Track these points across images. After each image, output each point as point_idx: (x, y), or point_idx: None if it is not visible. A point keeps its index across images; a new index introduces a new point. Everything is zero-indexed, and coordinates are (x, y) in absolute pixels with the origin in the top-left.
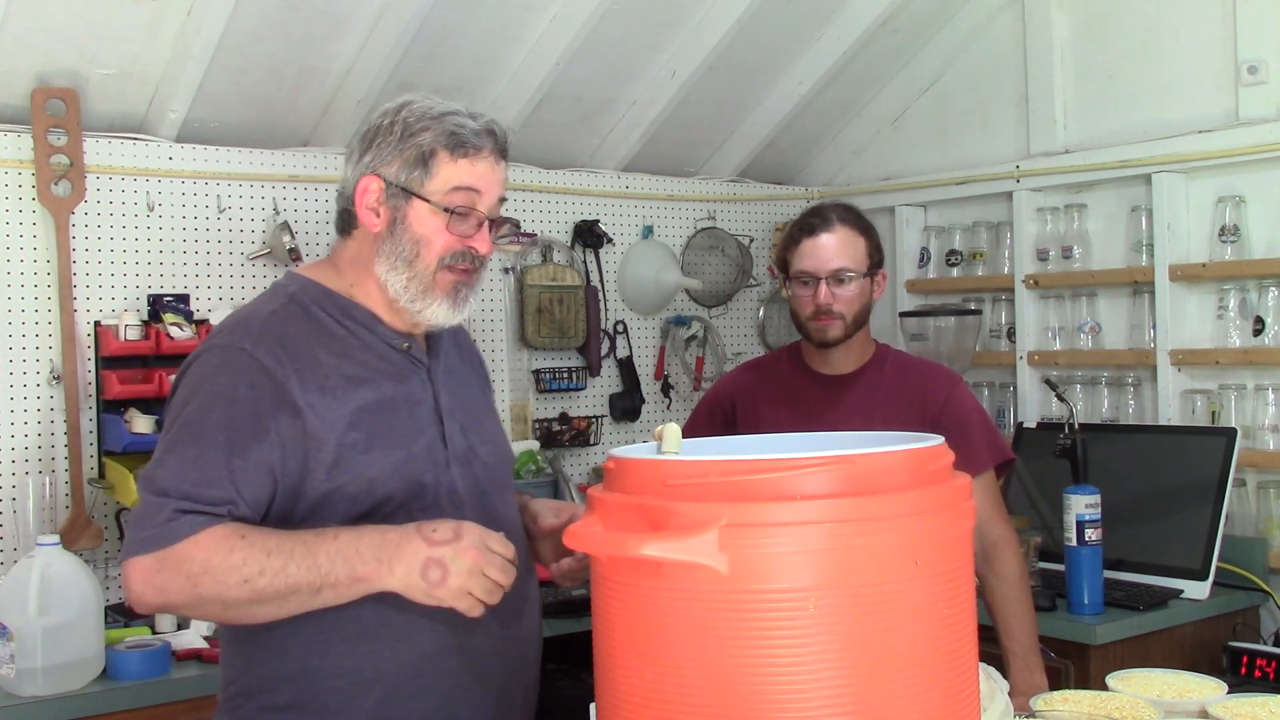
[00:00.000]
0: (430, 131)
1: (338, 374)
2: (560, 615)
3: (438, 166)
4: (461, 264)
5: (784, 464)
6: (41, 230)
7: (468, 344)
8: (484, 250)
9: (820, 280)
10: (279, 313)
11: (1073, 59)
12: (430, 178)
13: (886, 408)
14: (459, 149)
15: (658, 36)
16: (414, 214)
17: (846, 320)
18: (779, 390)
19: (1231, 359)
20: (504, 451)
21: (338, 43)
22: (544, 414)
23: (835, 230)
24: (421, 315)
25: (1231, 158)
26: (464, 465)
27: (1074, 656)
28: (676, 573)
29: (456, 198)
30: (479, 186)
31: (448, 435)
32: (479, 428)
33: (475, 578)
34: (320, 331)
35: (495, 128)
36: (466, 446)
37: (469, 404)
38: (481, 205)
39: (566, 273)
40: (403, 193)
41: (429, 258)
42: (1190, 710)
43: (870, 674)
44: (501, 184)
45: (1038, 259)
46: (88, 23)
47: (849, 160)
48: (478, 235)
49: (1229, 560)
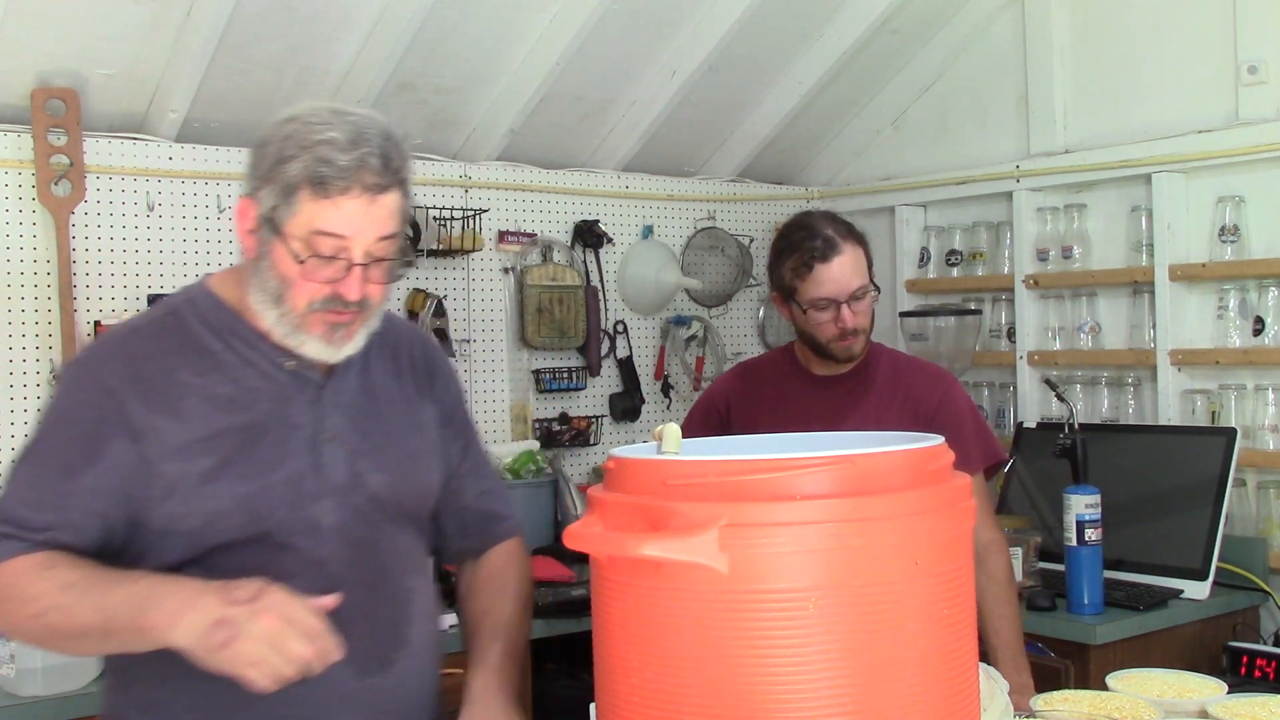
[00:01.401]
0: (298, 161)
1: (198, 394)
2: (560, 615)
3: (299, 204)
4: (332, 310)
5: (784, 464)
6: (41, 230)
7: (421, 354)
8: (352, 297)
9: (841, 304)
10: (146, 328)
11: (1073, 59)
12: (292, 215)
13: (880, 408)
14: (320, 188)
15: (658, 36)
16: (278, 252)
17: (868, 332)
18: (773, 393)
19: (1231, 359)
20: (415, 480)
21: (338, 43)
22: (544, 414)
23: (845, 251)
24: (299, 351)
25: (1231, 158)
26: (341, 497)
27: (1074, 656)
28: (676, 573)
29: (317, 243)
30: (344, 231)
31: (326, 463)
32: (380, 453)
33: (267, 647)
34: (190, 348)
35: (374, 158)
36: (350, 476)
37: (378, 426)
38: (350, 250)
39: (566, 273)
40: (269, 226)
41: (294, 300)
42: (1190, 710)
43: (870, 674)
44: (383, 221)
45: (1038, 259)
46: (88, 23)
47: (849, 160)
48: (345, 281)
49: (1229, 560)
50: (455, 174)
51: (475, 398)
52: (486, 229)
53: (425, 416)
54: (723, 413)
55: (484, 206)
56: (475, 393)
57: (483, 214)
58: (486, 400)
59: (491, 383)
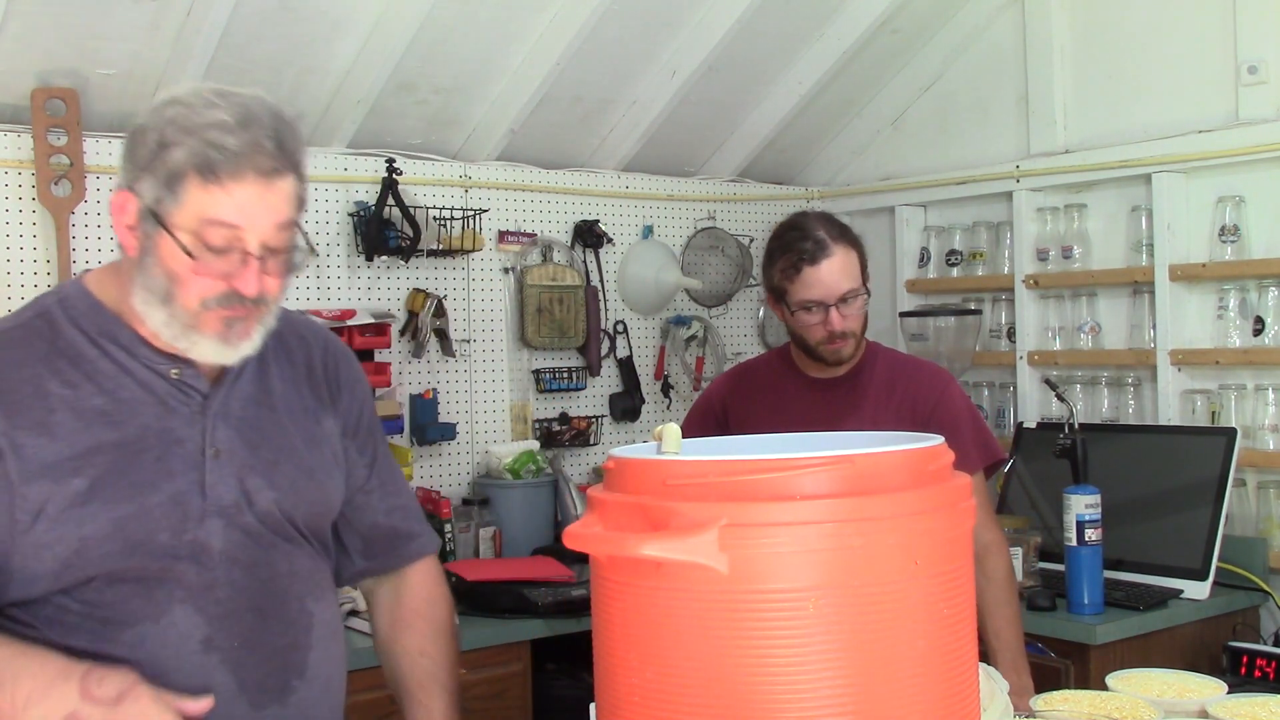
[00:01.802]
0: (182, 147)
1: (69, 407)
2: (560, 615)
3: (187, 193)
4: (228, 306)
5: (784, 464)
6: (41, 230)
7: (324, 358)
8: (250, 291)
9: (830, 307)
10: (11, 332)
11: (1073, 59)
12: (179, 205)
13: (877, 409)
14: (209, 173)
15: (658, 36)
16: (164, 246)
17: (858, 336)
18: (769, 396)
19: (1231, 359)
20: (309, 497)
21: (338, 43)
22: (544, 414)
23: (835, 253)
24: (190, 354)
25: (1231, 158)
26: (228, 518)
27: (1074, 656)
28: (676, 573)
29: (208, 234)
30: (237, 220)
31: (211, 482)
32: (272, 470)
33: None
34: (61, 355)
35: (268, 140)
36: (238, 495)
37: (271, 439)
38: (245, 240)
39: (566, 273)
40: (153, 218)
41: (185, 299)
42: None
43: (870, 674)
44: (279, 208)
45: (1038, 259)
46: (88, 23)
47: (849, 160)
48: (241, 275)
49: (1229, 560)
50: (455, 174)
51: (475, 398)
52: (486, 229)
53: (326, 428)
54: (719, 416)
55: (484, 206)
56: (475, 393)
57: (483, 214)
58: (486, 400)
59: (491, 383)
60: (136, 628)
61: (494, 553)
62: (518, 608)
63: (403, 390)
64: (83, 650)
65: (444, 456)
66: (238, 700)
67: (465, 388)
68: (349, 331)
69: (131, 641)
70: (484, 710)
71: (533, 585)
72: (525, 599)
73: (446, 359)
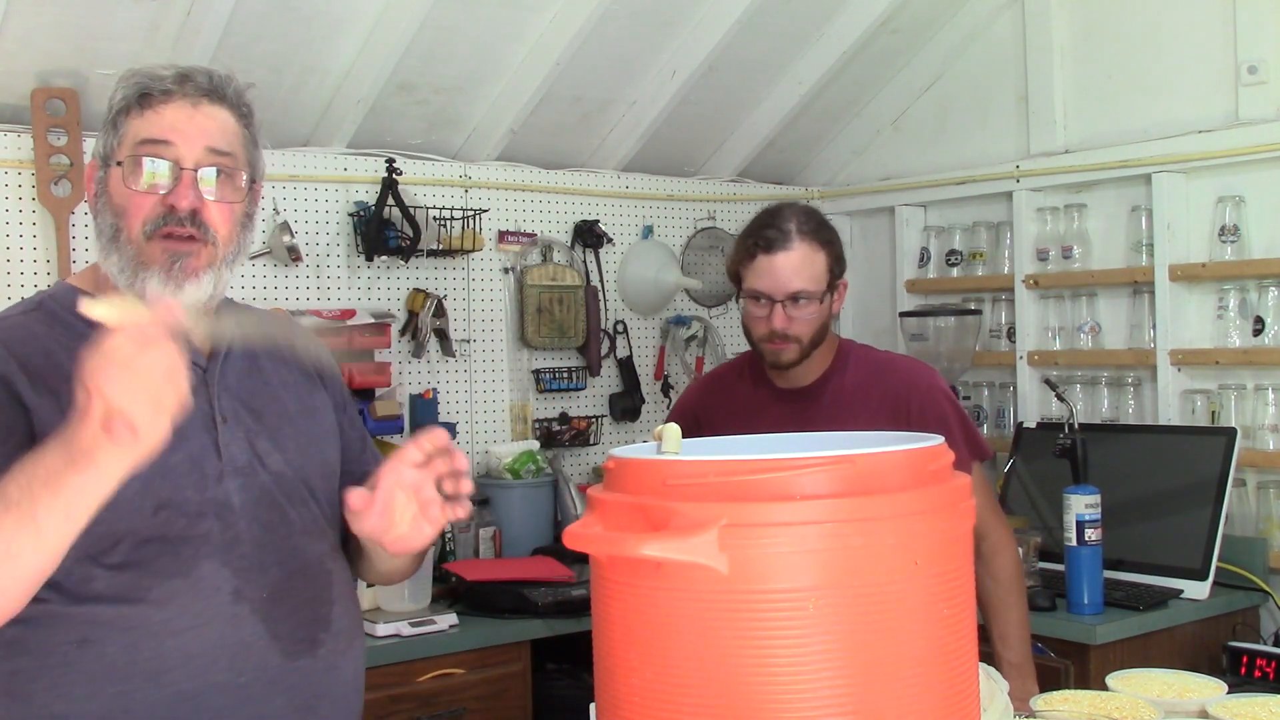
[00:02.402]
0: (121, 89)
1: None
2: (560, 615)
3: (127, 124)
4: (166, 228)
5: (784, 464)
6: (41, 230)
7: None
8: (182, 204)
9: (776, 303)
10: (13, 318)
11: (1073, 59)
12: (120, 139)
13: (854, 415)
14: (144, 100)
15: (658, 36)
16: (111, 183)
17: (803, 343)
18: (740, 408)
19: (1231, 359)
20: (313, 460)
21: (338, 43)
22: (544, 414)
23: (793, 248)
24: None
25: (1231, 158)
26: (245, 477)
27: (1074, 656)
28: (676, 573)
29: (141, 149)
30: (168, 136)
31: (222, 444)
32: (276, 434)
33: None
34: (66, 338)
35: (198, 73)
36: (250, 456)
37: (271, 408)
38: (178, 155)
39: (566, 273)
40: (103, 164)
41: (130, 229)
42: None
43: (870, 674)
44: (212, 132)
45: (1038, 259)
46: (88, 23)
47: (849, 160)
48: (175, 190)
49: (1229, 560)
50: (455, 174)
51: (475, 398)
52: (486, 229)
53: (319, 401)
54: (692, 426)
55: (484, 206)
56: (475, 393)
57: (483, 214)
58: (486, 400)
59: (491, 383)
60: (167, 583)
61: (494, 553)
62: (518, 608)
63: (403, 390)
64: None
65: None
66: (271, 650)
67: (465, 388)
68: (349, 331)
69: (161, 597)
70: (484, 710)
71: (533, 585)
72: (525, 599)
73: (446, 359)
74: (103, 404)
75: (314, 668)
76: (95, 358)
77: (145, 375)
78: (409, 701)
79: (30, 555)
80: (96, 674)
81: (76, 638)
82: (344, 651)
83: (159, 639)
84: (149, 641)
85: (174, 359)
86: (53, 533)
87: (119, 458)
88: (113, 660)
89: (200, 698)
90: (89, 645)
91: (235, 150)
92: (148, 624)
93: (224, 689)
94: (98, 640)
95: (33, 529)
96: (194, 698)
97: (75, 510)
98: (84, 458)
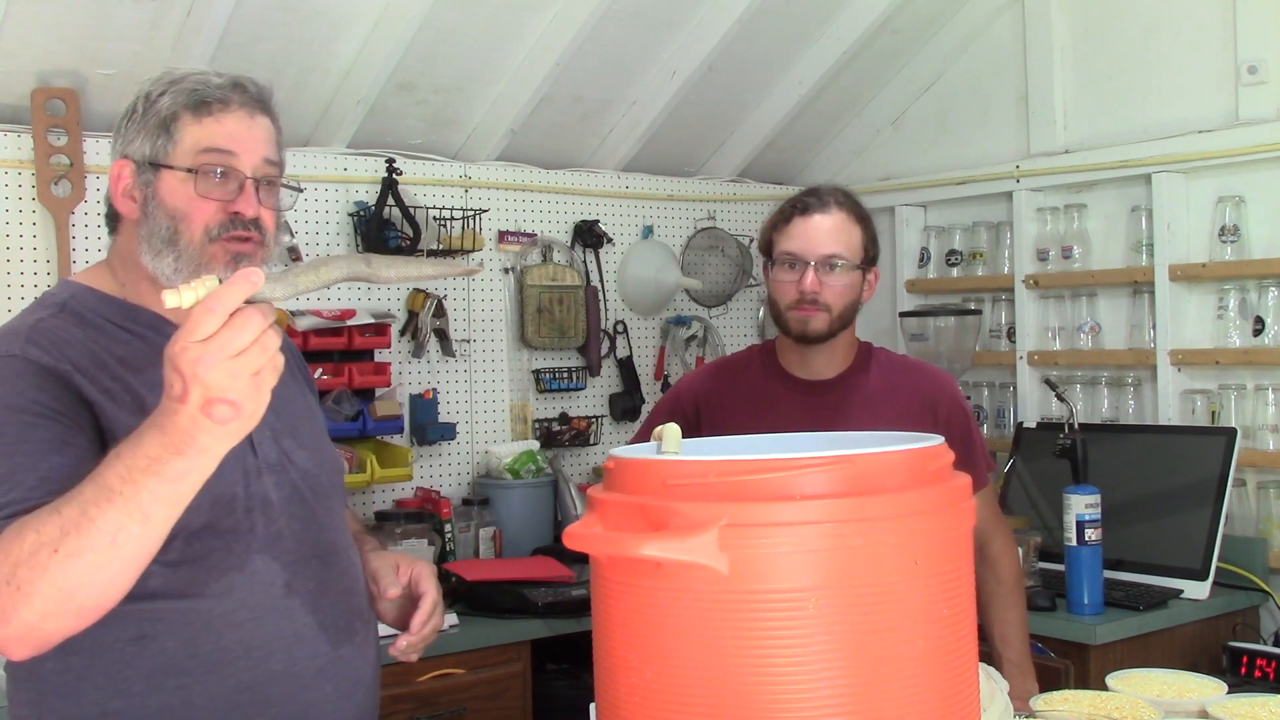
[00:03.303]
0: (169, 95)
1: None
2: (560, 615)
3: (181, 130)
4: (232, 232)
5: (784, 464)
6: (41, 230)
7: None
8: (249, 212)
9: (809, 265)
10: (47, 320)
11: (1073, 59)
12: (175, 144)
13: (880, 414)
14: (201, 108)
15: (658, 36)
16: (165, 187)
17: (832, 314)
18: (749, 397)
19: (1231, 359)
20: (326, 456)
21: (338, 43)
22: (544, 414)
23: (831, 212)
24: None
25: (1231, 158)
26: (278, 474)
27: (1074, 656)
28: (676, 573)
29: (205, 159)
30: (231, 146)
31: (256, 442)
32: (295, 432)
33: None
34: (102, 339)
35: (247, 82)
36: (279, 454)
37: (283, 407)
38: (240, 165)
39: (566, 273)
40: (151, 167)
41: (191, 232)
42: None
43: (870, 674)
44: (265, 142)
45: (1038, 259)
46: (88, 23)
47: (849, 160)
48: (240, 198)
49: (1229, 560)
50: (455, 174)
51: (475, 398)
52: (486, 229)
53: (311, 402)
54: (689, 415)
55: (484, 206)
56: (475, 393)
57: (483, 214)
58: (486, 400)
59: (491, 383)
60: (224, 578)
61: (494, 553)
62: (518, 608)
63: (403, 390)
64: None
65: (444, 456)
66: (319, 639)
67: (465, 388)
68: (349, 331)
69: (219, 591)
70: (484, 710)
71: (533, 585)
72: (525, 599)
73: (446, 359)
74: (201, 389)
75: (354, 654)
76: (183, 341)
77: (240, 353)
78: (409, 701)
79: (136, 543)
80: (155, 669)
81: (133, 634)
82: (372, 639)
83: (219, 632)
84: (209, 635)
85: (264, 330)
86: (160, 518)
87: (223, 438)
88: (172, 655)
89: (260, 688)
90: (146, 641)
91: (280, 159)
92: (207, 618)
93: (280, 678)
94: (156, 636)
95: (139, 516)
96: (254, 688)
97: (181, 493)
98: (186, 441)
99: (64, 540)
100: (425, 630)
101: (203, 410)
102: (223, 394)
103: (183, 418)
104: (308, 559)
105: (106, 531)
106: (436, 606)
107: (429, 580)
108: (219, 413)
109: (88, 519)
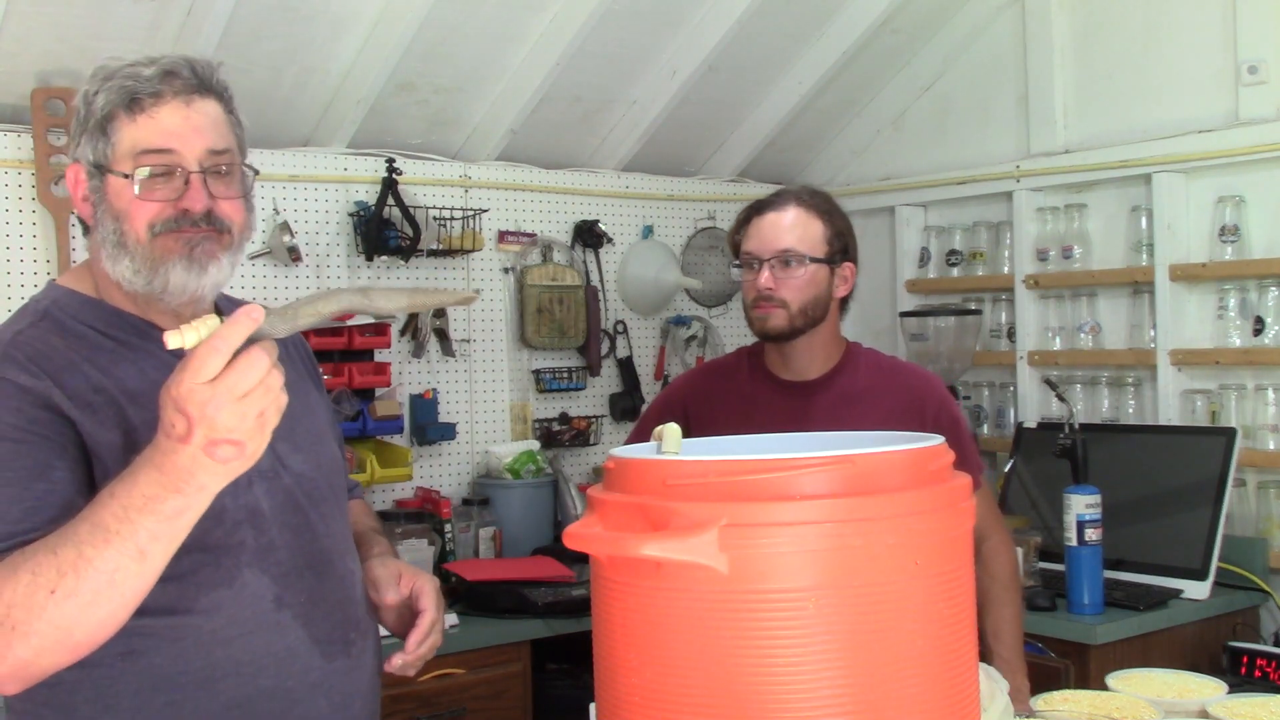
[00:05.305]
0: (103, 94)
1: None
2: (560, 615)
3: (118, 132)
4: (180, 228)
5: (784, 464)
6: (41, 230)
7: (296, 342)
8: (197, 207)
9: (765, 262)
10: (27, 331)
11: (1073, 59)
12: (114, 147)
13: (864, 414)
14: (134, 105)
15: (658, 36)
16: (111, 190)
17: (791, 310)
18: (737, 399)
19: (1231, 359)
20: (325, 458)
21: (338, 43)
22: (544, 414)
23: (787, 209)
24: (164, 296)
25: (1231, 158)
26: (270, 481)
27: (1074, 656)
28: (676, 573)
29: (144, 160)
30: (168, 144)
31: None
32: (291, 435)
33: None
34: (83, 347)
35: (180, 67)
36: (272, 459)
37: None
38: (182, 161)
39: (566, 273)
40: (97, 171)
41: (136, 231)
42: (1190, 710)
43: (870, 674)
44: (206, 130)
45: (1038, 259)
46: (88, 23)
47: (849, 160)
48: (187, 194)
49: (1229, 560)
50: (455, 174)
51: (475, 398)
52: (486, 229)
53: (315, 400)
54: (679, 417)
55: (484, 206)
56: (475, 393)
57: (483, 214)
58: (486, 400)
59: (491, 383)
60: (212, 594)
61: (494, 553)
62: (518, 608)
63: (403, 390)
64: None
65: (444, 456)
66: (313, 654)
67: (465, 388)
68: (349, 331)
69: (207, 608)
70: (484, 710)
71: (533, 585)
72: (525, 599)
73: (446, 359)
74: (207, 430)
75: (348, 667)
76: (188, 382)
77: (246, 394)
78: (409, 701)
79: (135, 580)
80: (144, 685)
81: (121, 650)
82: (369, 649)
83: (208, 648)
84: (198, 651)
85: (268, 369)
86: (157, 555)
87: (222, 475)
88: (161, 671)
89: (250, 704)
90: (134, 657)
91: (230, 144)
92: (196, 634)
93: (272, 694)
94: (144, 651)
95: (136, 555)
96: (244, 704)
97: (178, 530)
98: (185, 480)
99: (61, 581)
100: (422, 649)
101: (205, 450)
102: (229, 435)
103: (183, 457)
104: (301, 570)
105: (104, 571)
106: (435, 625)
107: (430, 597)
108: (222, 453)
109: (84, 560)
